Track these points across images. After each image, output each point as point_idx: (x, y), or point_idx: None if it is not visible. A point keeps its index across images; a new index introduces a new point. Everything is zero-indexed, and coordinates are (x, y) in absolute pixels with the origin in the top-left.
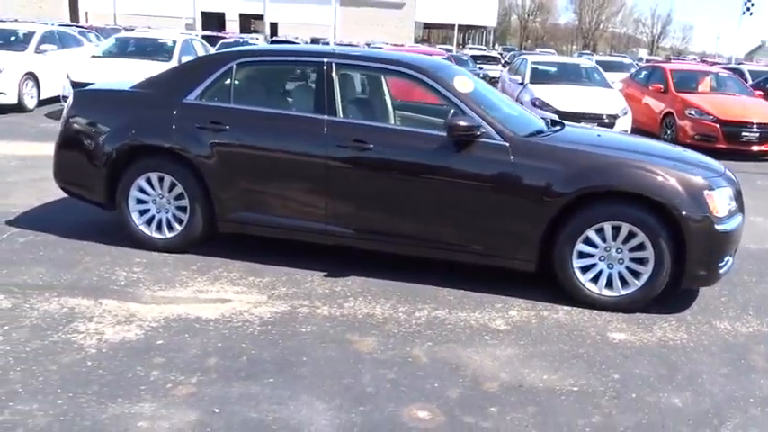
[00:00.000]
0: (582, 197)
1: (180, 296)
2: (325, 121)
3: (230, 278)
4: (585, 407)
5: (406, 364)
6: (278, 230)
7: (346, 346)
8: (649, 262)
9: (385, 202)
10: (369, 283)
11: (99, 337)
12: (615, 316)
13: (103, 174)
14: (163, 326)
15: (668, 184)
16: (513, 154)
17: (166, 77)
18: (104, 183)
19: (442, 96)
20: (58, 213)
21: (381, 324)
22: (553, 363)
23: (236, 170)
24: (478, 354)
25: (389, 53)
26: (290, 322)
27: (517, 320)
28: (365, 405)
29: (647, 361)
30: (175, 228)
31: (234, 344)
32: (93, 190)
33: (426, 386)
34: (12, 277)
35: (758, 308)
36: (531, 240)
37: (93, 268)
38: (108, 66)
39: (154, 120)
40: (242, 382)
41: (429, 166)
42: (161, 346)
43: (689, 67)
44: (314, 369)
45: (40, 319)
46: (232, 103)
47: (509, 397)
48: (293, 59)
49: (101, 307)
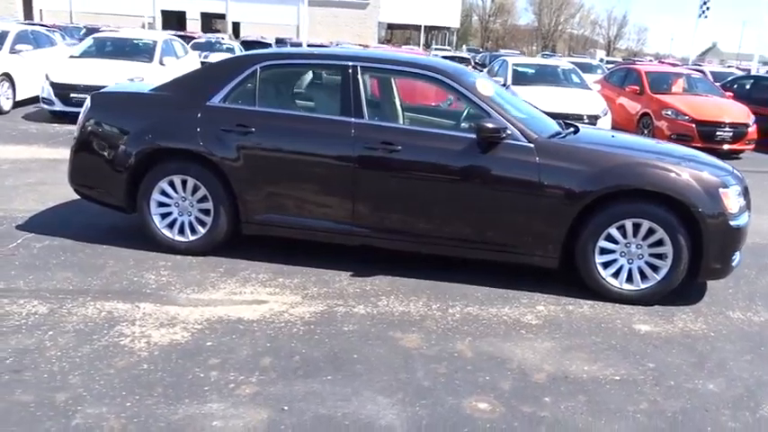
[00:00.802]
0: (604, 196)
1: (215, 298)
2: (352, 124)
3: (260, 280)
4: (631, 394)
5: (454, 358)
6: (304, 231)
7: (392, 343)
8: (668, 257)
9: (412, 202)
10: (396, 282)
11: (146, 340)
12: (636, 309)
13: (124, 177)
14: (207, 328)
15: (688, 183)
16: (539, 155)
17: (188, 80)
18: (125, 186)
19: (466, 99)
20: (68, 217)
21: (419, 321)
22: (590, 354)
23: (263, 172)
24: (518, 347)
25: (411, 56)
26: (331, 322)
27: (546, 315)
28: (426, 399)
29: (675, 350)
30: (198, 230)
31: (282, 344)
32: (112, 193)
33: (478, 379)
34: (40, 283)
35: (764, 298)
36: (555, 238)
37: (120, 272)
38: (88, 66)
39: (178, 123)
40: (302, 381)
41: (456, 168)
42: (211, 348)
43: (662, 69)
44: (367, 366)
45: (82, 323)
46: (257, 106)
47: (558, 387)
48: (317, 62)
49: (139, 310)
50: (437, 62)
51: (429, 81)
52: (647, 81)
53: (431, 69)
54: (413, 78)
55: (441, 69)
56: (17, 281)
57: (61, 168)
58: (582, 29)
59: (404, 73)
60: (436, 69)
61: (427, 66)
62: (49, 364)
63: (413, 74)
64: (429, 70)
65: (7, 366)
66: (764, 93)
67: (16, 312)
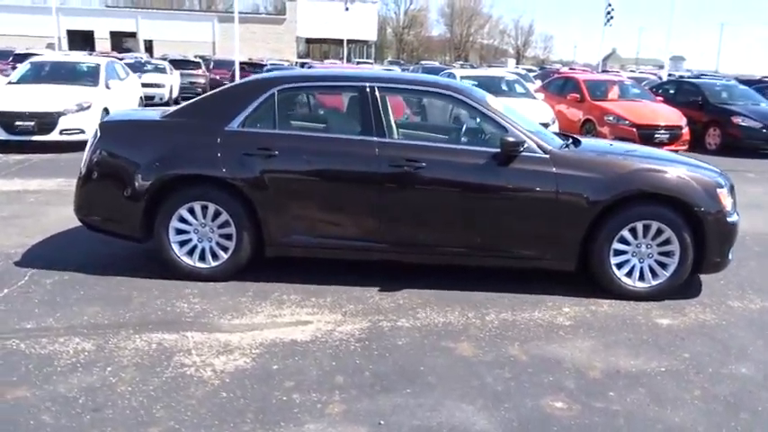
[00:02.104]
0: (617, 200)
1: (258, 322)
2: (376, 143)
3: (293, 301)
4: (681, 384)
5: (513, 363)
6: (328, 251)
7: (448, 353)
8: (675, 254)
9: (436, 216)
10: (424, 294)
11: (211, 368)
12: (650, 304)
13: (141, 206)
14: (266, 352)
15: (690, 185)
16: (555, 165)
17: (204, 106)
18: (141, 215)
19: (482, 115)
20: (64, 250)
21: (463, 330)
22: (630, 350)
23: (287, 194)
24: (563, 348)
25: (424, 77)
26: (382, 337)
27: (574, 316)
28: (506, 402)
29: (700, 341)
30: (220, 256)
31: (346, 362)
32: (126, 223)
33: (543, 381)
34: (71, 319)
35: (752, 287)
36: (573, 242)
37: (149, 303)
38: (31, 92)
39: (197, 149)
40: (384, 395)
41: (479, 181)
42: (280, 371)
43: (597, 77)
44: (437, 376)
45: (137, 357)
46: (277, 129)
47: (617, 382)
48: (334, 84)
49: (189, 340)
50: (451, 81)
51: (445, 99)
52: (586, 89)
53: (446, 88)
54: (429, 97)
55: (455, 88)
56: (46, 319)
57: (28, 200)
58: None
59: (419, 92)
60: (451, 88)
61: (441, 85)
62: (125, 399)
63: (429, 93)
64: (445, 89)
65: (83, 406)
66: (688, 96)
67: (62, 351)
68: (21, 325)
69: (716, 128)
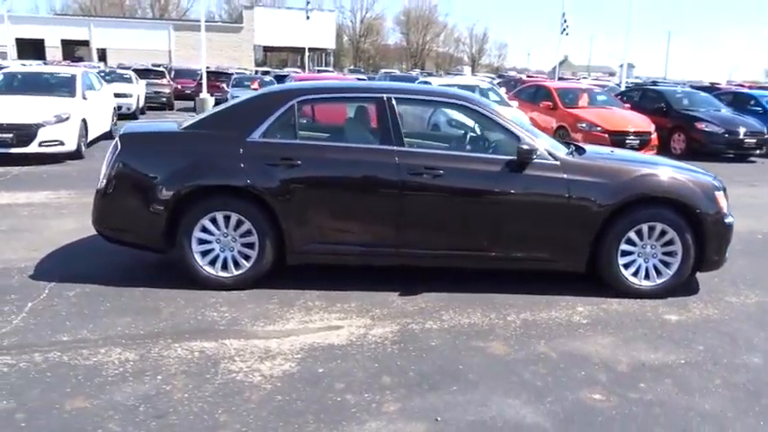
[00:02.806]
0: (625, 204)
1: (291, 328)
2: (395, 152)
3: (320, 307)
4: (702, 374)
5: (544, 359)
6: (348, 257)
7: (482, 352)
8: (677, 254)
9: (454, 222)
10: (442, 297)
11: (259, 373)
12: (656, 302)
13: (163, 217)
14: (308, 356)
15: (692, 189)
16: (565, 171)
17: (224, 118)
18: (163, 226)
19: (495, 124)
20: (76, 261)
21: (489, 331)
22: (648, 344)
23: (310, 203)
24: (587, 344)
25: (438, 88)
26: (415, 339)
27: (589, 314)
28: (548, 396)
29: (710, 334)
30: (243, 265)
31: (388, 363)
32: (148, 234)
33: (577, 375)
34: (107, 330)
35: (744, 283)
36: (584, 245)
37: (179, 312)
38: (7, 103)
39: (220, 159)
40: (434, 393)
41: (495, 187)
42: (327, 374)
43: (567, 85)
44: (477, 374)
45: (184, 365)
46: (298, 139)
47: (644, 374)
48: (353, 95)
49: (229, 347)
50: (462, 92)
51: (458, 109)
52: (558, 97)
53: (461, 99)
54: (444, 108)
55: (468, 98)
56: (80, 331)
57: (21, 213)
58: (447, 47)
59: (435, 102)
60: (464, 98)
61: (455, 95)
62: (185, 406)
63: (444, 103)
64: (460, 99)
65: (145, 413)
66: (653, 103)
67: (107, 361)
68: (56, 337)
69: (680, 133)
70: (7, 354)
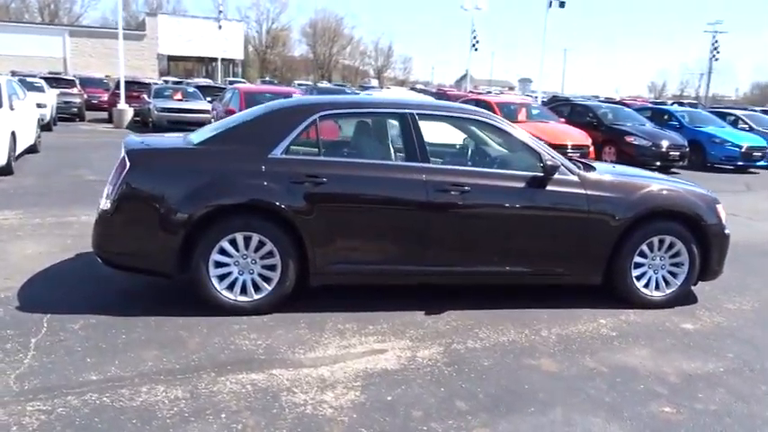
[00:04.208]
0: (640, 218)
1: (335, 354)
2: (422, 169)
3: (353, 330)
4: (746, 381)
5: (598, 375)
6: (374, 277)
7: (536, 369)
8: (685, 265)
9: (479, 239)
10: (468, 314)
11: (327, 405)
12: (665, 312)
13: (178, 239)
14: (368, 383)
15: (698, 203)
16: (585, 187)
17: (242, 133)
18: (178, 249)
19: (516, 140)
20: (63, 289)
21: (531, 348)
22: (681, 354)
23: (335, 222)
24: (628, 357)
25: (457, 104)
26: (465, 359)
27: (613, 327)
28: (624, 411)
29: (729, 341)
30: (263, 288)
31: (452, 387)
32: (160, 258)
33: (637, 388)
34: (137, 366)
35: (733, 290)
36: (601, 258)
37: (207, 342)
38: None
39: (241, 177)
40: (515, 416)
41: (520, 203)
42: (398, 401)
43: (506, 100)
44: (545, 393)
45: (242, 400)
46: (322, 156)
47: (696, 384)
48: (375, 111)
49: (279, 378)
50: (482, 110)
51: (479, 126)
52: (499, 111)
53: (481, 115)
54: (465, 123)
55: (487, 114)
56: (106, 368)
57: None
58: (353, 59)
59: (459, 119)
60: (484, 115)
61: (476, 112)
62: None
63: (466, 119)
64: (480, 116)
65: None
66: (583, 117)
67: (156, 401)
68: (83, 377)
69: (611, 146)
70: (36, 399)
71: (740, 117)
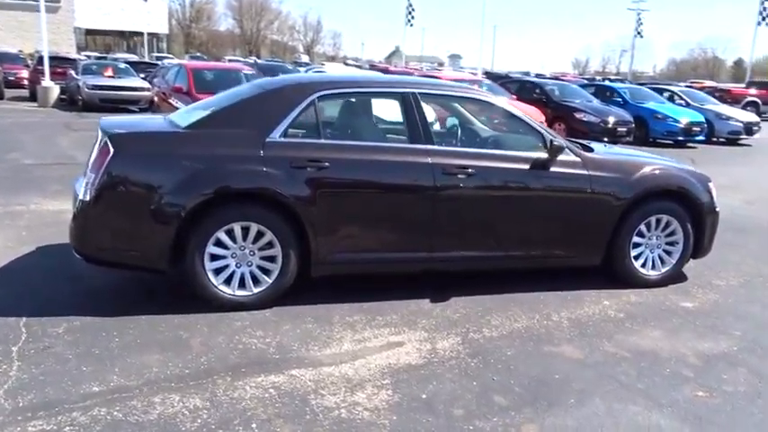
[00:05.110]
0: (639, 198)
1: (352, 350)
2: (427, 151)
3: (362, 322)
4: (761, 359)
5: (622, 360)
6: (379, 265)
7: (560, 357)
8: (679, 243)
9: (487, 222)
10: (475, 301)
11: (362, 407)
12: (662, 290)
13: (170, 231)
14: (397, 380)
15: (693, 182)
16: (586, 168)
17: (234, 114)
18: (170, 242)
19: (519, 121)
20: (32, 288)
21: (548, 334)
22: (693, 334)
23: (339, 209)
24: (643, 339)
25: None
26: (486, 350)
27: (619, 308)
28: (661, 398)
29: (731, 318)
30: (262, 281)
31: (483, 380)
32: (149, 253)
33: (664, 372)
34: (141, 373)
35: (717, 266)
36: (602, 239)
37: (210, 342)
38: None
39: (239, 163)
40: (558, 409)
41: (527, 185)
42: (434, 399)
43: (459, 76)
44: (578, 383)
45: (269, 406)
46: (323, 139)
47: (717, 365)
48: (375, 90)
49: (302, 379)
50: (483, 90)
51: (482, 105)
52: None
53: (484, 95)
54: (469, 104)
55: (490, 95)
56: (107, 376)
57: None
58: (282, 35)
59: (461, 98)
60: (487, 95)
61: (477, 91)
62: None
63: (470, 99)
64: (481, 95)
65: None
66: (531, 94)
67: (174, 413)
68: (84, 389)
69: (561, 123)
70: (36, 417)
71: (676, 93)
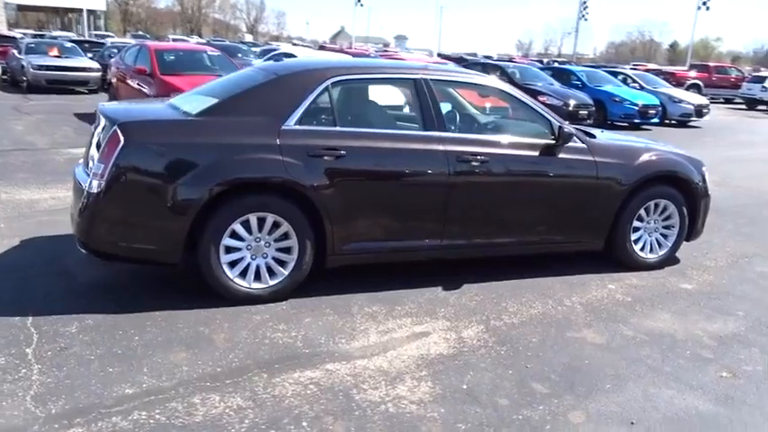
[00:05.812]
0: (640, 183)
1: (379, 341)
2: (441, 138)
3: (382, 312)
4: None
5: (644, 343)
6: (394, 254)
7: (581, 342)
8: (675, 227)
9: (499, 209)
10: (487, 288)
11: (406, 400)
12: (661, 273)
13: (185, 223)
14: (434, 372)
15: (689, 166)
16: (592, 154)
17: (246, 101)
18: (184, 234)
19: (525, 107)
20: (29, 286)
21: (566, 319)
22: (701, 315)
23: (356, 198)
24: (656, 322)
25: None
26: (511, 337)
27: (626, 292)
28: (691, 381)
29: (731, 299)
30: (278, 273)
31: (517, 368)
32: (163, 246)
33: (686, 354)
34: (173, 372)
35: (706, 248)
36: (606, 224)
37: (235, 337)
38: None
39: (255, 151)
40: (598, 395)
41: (538, 171)
42: (475, 389)
43: (421, 58)
44: (611, 369)
45: (314, 403)
46: (339, 126)
47: (731, 347)
48: (388, 76)
49: (339, 374)
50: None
51: (494, 92)
52: None
53: (492, 81)
54: (480, 90)
55: (499, 81)
56: (137, 378)
57: None
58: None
59: (472, 84)
60: (496, 81)
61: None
62: None
63: (480, 85)
64: (491, 82)
65: None
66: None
67: (219, 413)
68: (117, 392)
69: None
70: (73, 425)
71: (630, 76)
